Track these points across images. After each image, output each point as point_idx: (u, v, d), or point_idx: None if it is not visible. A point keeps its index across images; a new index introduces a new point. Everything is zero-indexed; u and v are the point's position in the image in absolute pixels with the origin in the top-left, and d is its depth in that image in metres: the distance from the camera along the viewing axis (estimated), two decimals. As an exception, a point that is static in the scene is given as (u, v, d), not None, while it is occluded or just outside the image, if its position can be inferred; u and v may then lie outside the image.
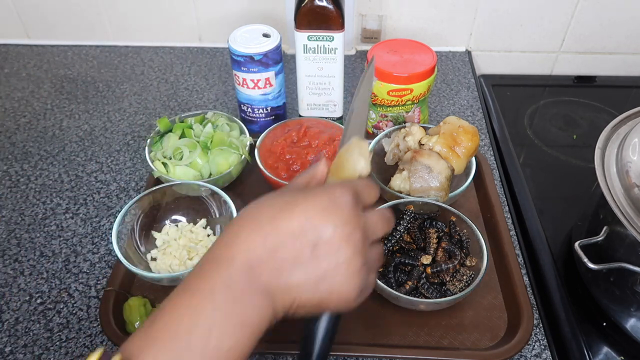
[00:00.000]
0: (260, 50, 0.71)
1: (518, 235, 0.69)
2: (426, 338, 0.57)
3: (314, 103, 0.78)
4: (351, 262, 0.35)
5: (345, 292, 0.36)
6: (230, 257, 0.33)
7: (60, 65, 0.98)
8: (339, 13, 0.67)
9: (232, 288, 0.32)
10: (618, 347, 0.58)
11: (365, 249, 0.36)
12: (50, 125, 0.85)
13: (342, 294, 0.35)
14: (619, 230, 0.54)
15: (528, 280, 0.63)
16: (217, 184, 0.67)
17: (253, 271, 0.33)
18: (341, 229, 0.34)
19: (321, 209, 0.35)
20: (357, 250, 0.35)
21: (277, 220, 0.34)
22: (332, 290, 0.35)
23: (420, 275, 0.58)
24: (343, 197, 0.35)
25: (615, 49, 0.99)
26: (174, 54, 1.01)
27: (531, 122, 0.89)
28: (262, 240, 0.34)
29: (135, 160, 0.79)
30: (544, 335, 0.58)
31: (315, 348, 0.38)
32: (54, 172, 0.77)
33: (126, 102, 0.90)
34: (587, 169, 0.58)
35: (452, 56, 1.00)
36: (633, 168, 0.53)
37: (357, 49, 1.01)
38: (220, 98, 0.91)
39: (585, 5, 0.92)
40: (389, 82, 0.71)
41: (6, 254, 0.66)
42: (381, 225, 0.39)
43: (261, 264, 0.33)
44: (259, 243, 0.34)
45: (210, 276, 0.33)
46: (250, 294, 0.33)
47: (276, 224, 0.34)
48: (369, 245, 0.37)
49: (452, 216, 0.63)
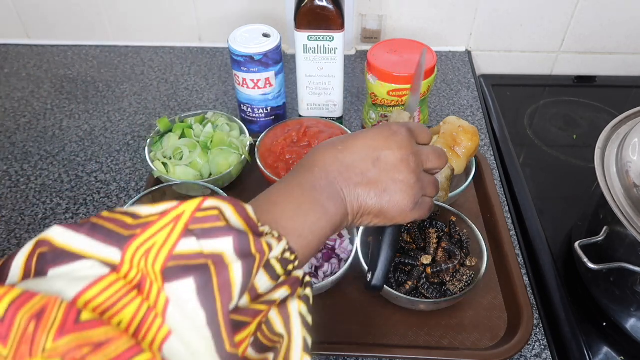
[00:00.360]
0: (260, 50, 0.71)
1: (518, 235, 0.69)
2: (426, 338, 0.57)
3: (314, 103, 0.78)
4: (406, 179, 0.42)
5: (402, 204, 0.42)
6: (312, 165, 0.41)
7: (60, 65, 0.98)
8: (339, 13, 0.67)
9: (315, 187, 0.39)
10: (618, 347, 0.58)
11: (419, 171, 0.43)
12: (50, 125, 0.85)
13: (399, 204, 0.42)
14: (619, 230, 0.54)
15: (528, 280, 0.63)
16: (217, 184, 0.67)
17: (329, 177, 0.40)
18: (399, 152, 0.42)
19: (382, 136, 0.43)
20: (411, 170, 0.42)
21: (347, 142, 0.43)
22: (391, 201, 0.42)
23: (420, 275, 0.58)
24: (400, 129, 0.43)
25: (615, 49, 0.99)
26: (174, 54, 1.01)
27: (531, 122, 0.89)
28: (335, 154, 0.42)
29: (135, 160, 0.79)
30: (544, 335, 0.58)
31: (381, 256, 0.46)
32: (54, 172, 0.77)
33: (126, 102, 0.90)
34: (587, 169, 0.58)
35: (452, 56, 1.00)
36: (633, 168, 0.53)
37: (357, 49, 1.01)
38: (220, 98, 0.91)
39: (585, 5, 0.92)
40: (389, 82, 0.71)
41: (6, 254, 0.66)
42: (433, 157, 0.45)
43: (335, 173, 0.41)
44: (333, 157, 0.41)
45: (299, 176, 0.41)
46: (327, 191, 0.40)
47: (345, 145, 0.42)
48: (422, 170, 0.44)
49: (452, 216, 0.63)
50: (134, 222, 0.30)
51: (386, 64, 0.71)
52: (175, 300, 0.27)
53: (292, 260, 0.34)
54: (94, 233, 0.29)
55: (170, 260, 0.28)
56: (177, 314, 0.27)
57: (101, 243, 0.29)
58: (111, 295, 0.27)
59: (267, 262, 0.32)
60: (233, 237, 0.30)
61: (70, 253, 0.28)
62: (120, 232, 0.29)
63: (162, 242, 0.29)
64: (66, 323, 0.24)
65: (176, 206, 0.30)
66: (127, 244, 0.28)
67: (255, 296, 0.31)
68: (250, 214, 0.33)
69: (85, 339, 0.24)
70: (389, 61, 0.71)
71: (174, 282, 0.28)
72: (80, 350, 0.24)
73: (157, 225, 0.29)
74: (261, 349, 0.31)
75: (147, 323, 0.27)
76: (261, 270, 0.31)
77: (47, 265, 0.28)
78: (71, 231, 0.29)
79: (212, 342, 0.28)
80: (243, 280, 0.29)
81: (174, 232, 0.29)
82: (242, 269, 0.29)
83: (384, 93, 0.72)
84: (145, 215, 0.30)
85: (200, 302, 0.28)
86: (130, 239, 0.29)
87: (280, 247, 0.33)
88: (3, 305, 0.24)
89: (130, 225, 0.30)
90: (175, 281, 0.28)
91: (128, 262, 0.28)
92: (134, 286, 0.28)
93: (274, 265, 0.32)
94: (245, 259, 0.30)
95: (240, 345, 0.30)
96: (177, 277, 0.28)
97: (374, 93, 0.73)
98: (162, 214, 0.30)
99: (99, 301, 0.27)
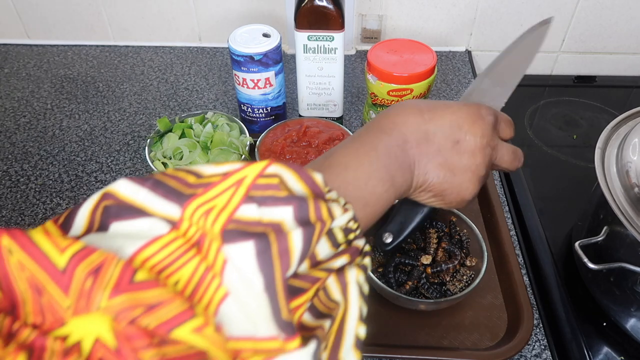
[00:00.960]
0: (260, 50, 0.71)
1: (518, 235, 0.69)
2: (426, 338, 0.57)
3: (314, 103, 0.78)
4: (477, 170, 0.41)
5: (465, 192, 0.41)
6: (392, 127, 0.39)
7: (60, 65, 0.98)
8: (339, 13, 0.67)
9: (389, 151, 0.38)
10: (618, 347, 0.58)
11: (490, 165, 0.42)
12: (50, 125, 0.85)
13: (463, 192, 0.41)
14: (619, 230, 0.54)
15: (528, 280, 0.63)
16: (217, 184, 0.67)
17: (405, 145, 0.39)
18: (480, 140, 0.40)
19: (470, 118, 0.41)
20: (485, 162, 0.41)
21: (435, 112, 0.40)
22: (456, 186, 0.41)
23: (420, 275, 0.58)
24: (488, 115, 0.42)
25: (615, 49, 0.99)
26: (174, 54, 1.01)
27: (531, 122, 0.89)
28: (418, 122, 0.40)
29: (135, 160, 0.79)
30: (544, 335, 0.58)
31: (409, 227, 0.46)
32: (54, 172, 0.77)
33: (126, 102, 0.90)
34: (587, 169, 0.58)
35: (452, 56, 1.00)
36: (633, 168, 0.53)
37: (357, 49, 1.01)
38: (220, 98, 0.91)
39: (585, 5, 0.92)
40: (389, 82, 0.71)
41: (6, 254, 0.66)
42: (508, 157, 0.44)
43: (413, 142, 0.39)
44: (416, 124, 0.40)
45: (375, 137, 0.39)
46: (400, 161, 0.38)
47: (433, 114, 0.40)
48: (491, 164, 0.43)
49: (452, 216, 0.63)
50: (196, 181, 0.30)
51: (386, 64, 0.71)
52: (234, 262, 0.27)
53: (354, 229, 0.33)
54: (156, 188, 0.29)
55: (230, 223, 0.28)
56: (234, 275, 0.27)
57: (162, 198, 0.29)
58: (169, 253, 0.27)
59: (330, 230, 0.31)
60: (293, 207, 0.30)
61: (133, 207, 0.28)
62: (182, 189, 0.29)
63: (222, 205, 0.29)
64: (121, 282, 0.24)
65: (239, 169, 0.30)
66: (187, 202, 0.28)
67: (314, 263, 0.31)
68: (317, 181, 0.32)
69: (138, 300, 0.24)
70: (389, 61, 0.71)
71: (233, 244, 0.27)
72: (133, 311, 0.24)
73: (218, 187, 0.29)
74: (317, 315, 0.31)
75: (206, 282, 0.27)
76: (323, 237, 0.31)
77: (110, 219, 0.28)
78: (136, 185, 0.29)
79: (269, 308, 0.27)
80: (302, 248, 0.29)
81: (235, 196, 0.29)
82: (302, 237, 0.29)
83: (384, 93, 0.72)
84: (208, 175, 0.30)
85: (259, 267, 0.27)
86: (191, 197, 0.29)
87: (345, 217, 0.32)
88: (65, 257, 0.25)
89: (192, 184, 0.30)
90: (234, 243, 0.27)
91: (187, 219, 0.28)
92: (192, 244, 0.27)
93: (336, 234, 0.32)
94: (305, 227, 0.29)
95: (297, 311, 0.30)
96: (237, 239, 0.28)
97: (374, 93, 0.73)
98: (224, 175, 0.30)
99: (157, 259, 0.27)
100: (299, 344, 0.27)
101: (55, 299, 0.24)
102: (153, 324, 0.24)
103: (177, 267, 0.27)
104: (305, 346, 0.27)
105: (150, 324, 0.24)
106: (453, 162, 0.40)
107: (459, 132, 0.40)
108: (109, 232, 0.28)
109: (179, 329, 0.24)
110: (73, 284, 0.24)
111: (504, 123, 0.44)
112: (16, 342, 0.23)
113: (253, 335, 0.27)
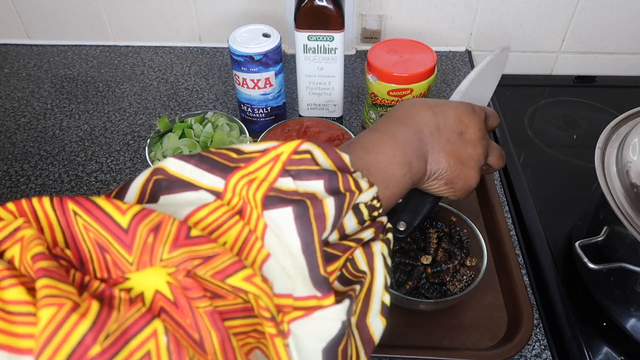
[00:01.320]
0: (260, 50, 0.71)
1: (518, 235, 0.69)
2: (426, 338, 0.57)
3: (314, 103, 0.78)
4: (479, 159, 0.45)
5: (471, 180, 0.45)
6: (407, 118, 0.42)
7: (60, 65, 0.98)
8: (339, 13, 0.67)
9: (406, 139, 0.41)
10: (618, 347, 0.58)
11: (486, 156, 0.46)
12: (50, 125, 0.85)
13: (469, 180, 0.44)
14: (619, 230, 0.54)
15: (528, 280, 0.63)
16: (217, 184, 0.67)
17: (420, 134, 0.42)
18: (478, 130, 0.44)
19: (467, 112, 0.44)
20: (484, 152, 0.45)
21: (440, 107, 0.44)
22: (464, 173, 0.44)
23: (421, 275, 0.58)
24: (480, 112, 0.46)
25: (615, 49, 0.99)
26: (174, 54, 1.01)
27: (531, 122, 0.89)
28: (429, 115, 0.43)
29: (135, 160, 0.79)
30: (544, 335, 0.58)
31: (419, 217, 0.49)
32: (54, 172, 0.77)
33: (126, 102, 0.90)
34: (587, 169, 0.58)
35: (452, 56, 1.00)
36: (633, 168, 0.53)
37: (357, 49, 1.01)
38: (220, 98, 0.91)
39: (585, 5, 0.92)
40: (389, 82, 0.71)
41: (6, 254, 0.66)
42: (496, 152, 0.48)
43: (427, 132, 0.42)
44: (428, 117, 0.43)
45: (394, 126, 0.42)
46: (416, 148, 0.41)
47: (439, 109, 0.44)
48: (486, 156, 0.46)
49: (452, 216, 0.63)
50: (238, 157, 0.32)
51: (386, 64, 0.71)
52: (274, 226, 0.30)
53: (378, 207, 0.35)
54: (201, 164, 0.31)
55: (270, 192, 0.30)
56: (274, 239, 0.29)
57: (207, 172, 0.31)
58: (216, 218, 0.29)
59: (356, 205, 0.34)
60: (324, 179, 0.32)
61: (181, 180, 0.31)
62: (226, 163, 0.32)
63: (263, 177, 0.31)
64: (179, 237, 0.27)
65: (276, 146, 0.32)
66: (230, 174, 0.31)
67: (343, 235, 0.33)
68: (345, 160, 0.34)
69: (195, 252, 0.27)
70: (389, 61, 0.71)
71: (272, 210, 0.30)
72: (192, 262, 0.26)
73: (259, 162, 0.32)
74: (346, 283, 0.33)
75: (249, 244, 0.29)
76: (350, 212, 0.33)
77: (160, 193, 0.31)
78: (182, 161, 0.31)
79: (306, 268, 0.29)
80: (335, 214, 0.31)
81: (273, 169, 0.31)
82: (334, 204, 0.31)
83: (384, 93, 0.72)
84: (249, 151, 0.33)
85: (297, 230, 0.29)
86: (234, 170, 0.31)
87: (370, 193, 0.34)
88: (127, 218, 0.27)
89: (235, 159, 0.32)
90: (274, 209, 0.30)
91: (231, 189, 0.31)
92: (236, 211, 0.30)
93: (362, 210, 0.34)
94: (336, 196, 0.32)
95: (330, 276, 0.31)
96: (276, 205, 0.30)
97: (374, 93, 0.73)
98: (263, 152, 0.32)
99: (207, 222, 0.29)
100: (334, 301, 0.29)
101: (120, 255, 0.27)
102: (210, 273, 0.27)
103: (224, 230, 0.29)
104: (340, 303, 0.29)
105: (207, 273, 0.27)
106: (460, 151, 0.43)
107: (461, 124, 0.44)
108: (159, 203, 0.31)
109: (233, 277, 0.27)
110: (136, 242, 0.26)
111: (491, 115, 0.48)
112: (88, 292, 0.26)
113: (292, 294, 0.29)
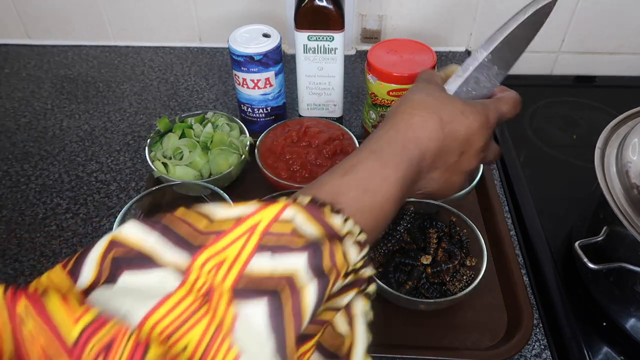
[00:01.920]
0: (260, 50, 0.71)
1: (518, 235, 0.69)
2: (426, 338, 0.57)
3: (314, 103, 0.78)
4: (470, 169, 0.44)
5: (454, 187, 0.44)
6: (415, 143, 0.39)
7: (61, 65, 0.98)
8: (339, 13, 0.67)
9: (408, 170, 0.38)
10: (618, 347, 0.58)
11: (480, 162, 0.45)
12: (51, 125, 0.85)
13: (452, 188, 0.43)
14: (619, 230, 0.54)
15: (528, 280, 0.63)
16: (217, 184, 0.67)
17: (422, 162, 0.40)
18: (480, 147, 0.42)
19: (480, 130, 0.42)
20: (479, 161, 0.44)
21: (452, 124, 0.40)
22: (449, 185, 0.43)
23: (421, 275, 0.58)
24: (494, 118, 0.43)
25: (615, 49, 0.99)
26: (174, 54, 1.01)
27: (531, 122, 0.89)
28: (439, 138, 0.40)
29: (135, 160, 0.79)
30: (544, 335, 0.58)
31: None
32: (54, 172, 0.77)
33: (126, 102, 0.90)
34: (587, 169, 0.58)
35: (452, 56, 1.00)
36: (633, 168, 0.53)
37: (357, 49, 1.01)
38: (220, 98, 0.91)
39: (585, 5, 0.92)
40: (389, 82, 0.71)
41: (6, 254, 0.66)
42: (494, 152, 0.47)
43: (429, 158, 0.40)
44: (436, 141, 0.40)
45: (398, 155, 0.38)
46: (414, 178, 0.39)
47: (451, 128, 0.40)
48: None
49: (452, 216, 0.63)
50: (207, 228, 0.30)
51: (386, 64, 0.71)
52: (244, 320, 0.27)
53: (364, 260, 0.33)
54: (166, 234, 0.29)
55: (242, 279, 0.28)
56: (245, 334, 0.27)
57: (172, 245, 0.29)
58: (179, 314, 0.27)
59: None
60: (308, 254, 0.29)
61: (142, 255, 0.29)
62: (193, 238, 0.29)
63: (234, 257, 0.28)
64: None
65: (253, 213, 0.30)
66: (197, 252, 0.28)
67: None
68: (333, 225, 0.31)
69: None
70: (389, 61, 0.71)
71: (244, 302, 0.27)
72: None
73: (231, 235, 0.29)
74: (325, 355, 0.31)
75: (215, 345, 0.26)
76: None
77: (119, 270, 0.28)
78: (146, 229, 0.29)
79: None
80: (315, 304, 0.29)
81: (247, 245, 0.29)
82: (316, 292, 0.29)
83: (384, 93, 0.72)
84: (221, 219, 0.30)
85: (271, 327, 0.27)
86: (201, 248, 0.29)
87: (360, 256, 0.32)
88: (77, 330, 0.25)
89: (203, 232, 0.30)
90: (246, 301, 0.27)
91: (196, 270, 0.28)
92: (202, 301, 0.27)
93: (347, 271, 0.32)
94: (320, 279, 0.29)
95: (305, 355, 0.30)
96: (248, 297, 0.27)
97: (374, 93, 0.73)
98: (237, 221, 0.29)
99: (166, 322, 0.27)
100: None
101: None
102: None
103: (186, 329, 0.26)
104: None
105: None
106: (455, 168, 0.42)
107: (466, 145, 0.42)
108: (118, 285, 0.28)
109: None
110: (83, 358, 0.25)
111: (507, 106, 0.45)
112: None
113: None
